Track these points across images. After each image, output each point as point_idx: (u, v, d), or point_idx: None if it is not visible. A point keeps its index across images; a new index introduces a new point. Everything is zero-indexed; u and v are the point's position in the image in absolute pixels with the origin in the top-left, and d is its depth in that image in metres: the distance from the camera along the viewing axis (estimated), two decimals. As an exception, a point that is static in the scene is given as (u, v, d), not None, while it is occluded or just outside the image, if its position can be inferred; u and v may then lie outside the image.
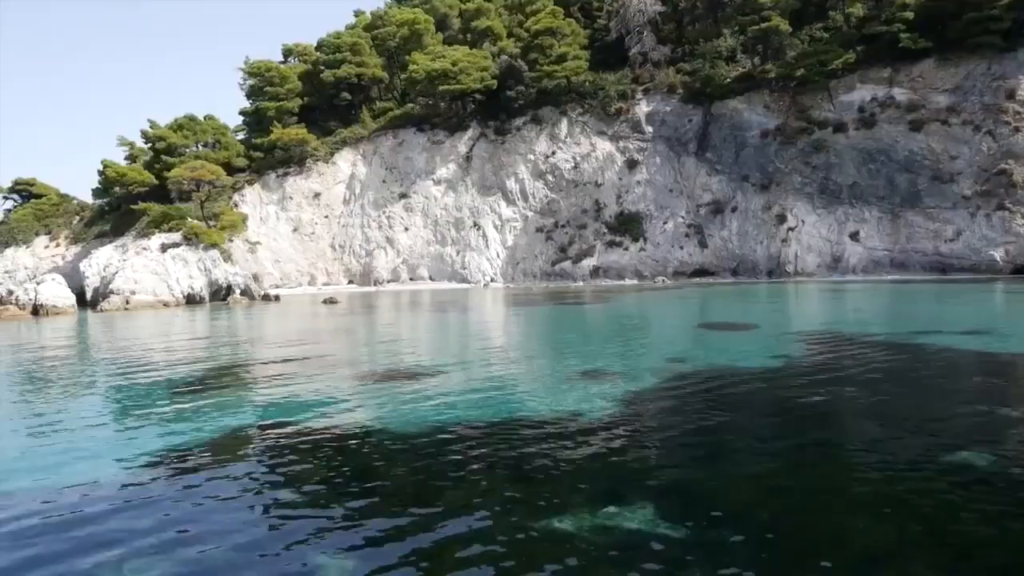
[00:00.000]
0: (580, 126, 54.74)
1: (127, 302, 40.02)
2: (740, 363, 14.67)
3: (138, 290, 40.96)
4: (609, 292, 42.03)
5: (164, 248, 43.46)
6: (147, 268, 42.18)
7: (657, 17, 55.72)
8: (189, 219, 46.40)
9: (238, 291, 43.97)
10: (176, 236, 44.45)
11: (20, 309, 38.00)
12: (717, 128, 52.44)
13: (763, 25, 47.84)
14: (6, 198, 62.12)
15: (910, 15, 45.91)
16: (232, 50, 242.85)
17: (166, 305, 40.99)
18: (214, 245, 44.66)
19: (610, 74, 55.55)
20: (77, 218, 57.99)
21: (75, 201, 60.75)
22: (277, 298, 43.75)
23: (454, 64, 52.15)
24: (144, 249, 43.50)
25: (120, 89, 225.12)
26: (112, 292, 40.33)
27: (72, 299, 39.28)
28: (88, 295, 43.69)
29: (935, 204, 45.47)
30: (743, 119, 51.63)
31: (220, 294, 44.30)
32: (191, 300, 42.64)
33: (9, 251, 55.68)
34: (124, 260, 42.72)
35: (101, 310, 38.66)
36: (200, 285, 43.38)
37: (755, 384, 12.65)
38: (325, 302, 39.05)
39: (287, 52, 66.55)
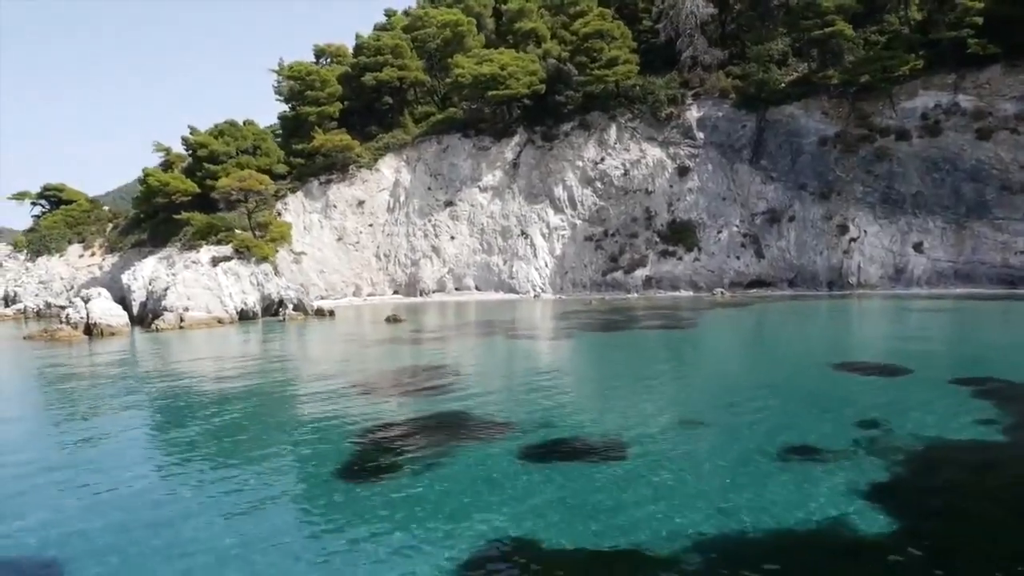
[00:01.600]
0: (629, 132, 53.40)
1: (181, 320, 38.71)
2: (953, 434, 13.48)
3: (191, 306, 39.64)
4: (672, 308, 40.82)
5: (215, 262, 42.08)
6: (199, 283, 40.84)
7: (709, 19, 54.32)
8: (237, 231, 45.03)
9: (291, 306, 42.65)
10: (226, 249, 43.06)
11: (73, 328, 36.65)
12: (772, 134, 51.16)
13: (827, 30, 46.43)
14: (35, 204, 60.61)
15: (978, 20, 44.54)
16: (253, 51, 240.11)
17: (220, 322, 39.68)
18: (265, 258, 43.34)
19: (657, 78, 54.20)
20: (110, 225, 56.51)
21: (106, 208, 59.24)
22: (331, 313, 42.43)
23: (503, 68, 50.71)
24: (194, 263, 42.12)
25: (124, 91, 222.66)
26: (165, 309, 38.99)
27: (124, 317, 37.98)
28: (134, 309, 42.35)
29: (1004, 215, 44.33)
30: (800, 125, 50.36)
31: (272, 309, 43.02)
32: (244, 316, 41.34)
33: (42, 260, 54.19)
34: (173, 275, 41.36)
35: (156, 329, 37.30)
36: (253, 300, 42.07)
37: (1016, 472, 11.47)
38: (388, 320, 37.75)
39: (319, 53, 64.95)
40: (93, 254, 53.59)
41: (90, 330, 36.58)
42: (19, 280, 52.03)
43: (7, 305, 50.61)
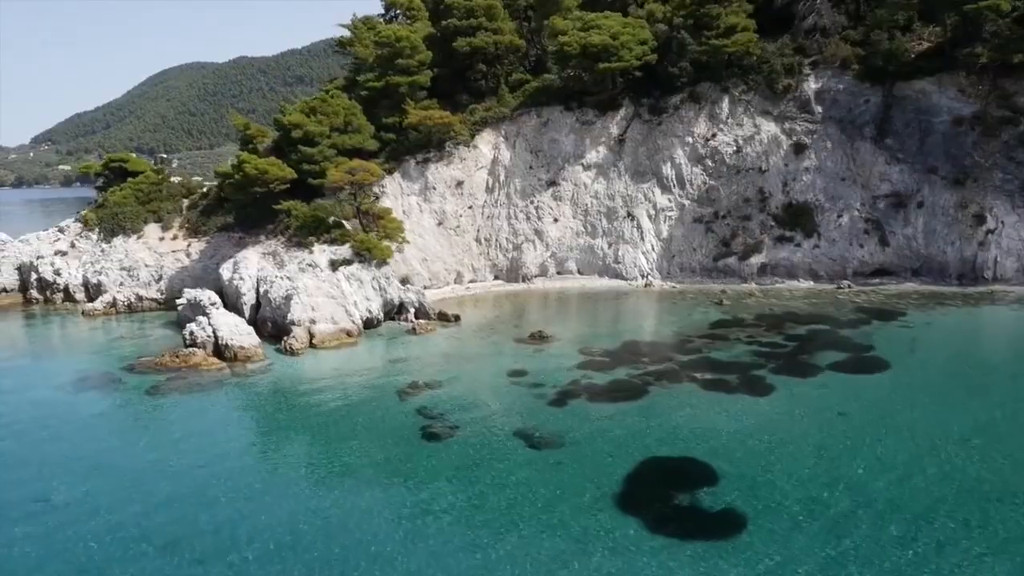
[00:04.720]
0: (743, 105, 49.96)
1: (311, 335, 36.59)
2: None
3: (316, 318, 37.41)
4: (816, 313, 39.00)
5: (334, 266, 39.54)
6: (321, 291, 38.41)
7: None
8: (347, 225, 42.26)
9: (412, 310, 40.51)
10: (344, 251, 40.39)
11: (203, 350, 34.51)
12: (899, 111, 48.00)
13: (980, 4, 42.61)
14: (98, 175, 56.93)
15: None
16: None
17: (349, 335, 37.52)
18: (385, 261, 40.82)
19: (769, 43, 50.33)
20: (185, 202, 53.11)
21: (177, 180, 55.65)
22: (457, 318, 40.39)
23: (614, 38, 46.74)
24: (311, 266, 39.54)
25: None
26: (292, 323, 36.74)
27: (254, 335, 35.58)
28: (244, 312, 39.95)
29: None
30: (931, 103, 47.22)
31: (391, 313, 40.88)
32: (368, 324, 39.18)
33: (118, 241, 50.90)
34: (289, 279, 38.83)
35: (291, 349, 35.14)
36: (376, 307, 39.81)
37: None
38: (533, 338, 35.83)
39: (390, 4, 59.93)
40: (175, 237, 50.42)
41: (221, 352, 34.48)
42: (98, 265, 49.00)
43: (90, 296, 47.69)
